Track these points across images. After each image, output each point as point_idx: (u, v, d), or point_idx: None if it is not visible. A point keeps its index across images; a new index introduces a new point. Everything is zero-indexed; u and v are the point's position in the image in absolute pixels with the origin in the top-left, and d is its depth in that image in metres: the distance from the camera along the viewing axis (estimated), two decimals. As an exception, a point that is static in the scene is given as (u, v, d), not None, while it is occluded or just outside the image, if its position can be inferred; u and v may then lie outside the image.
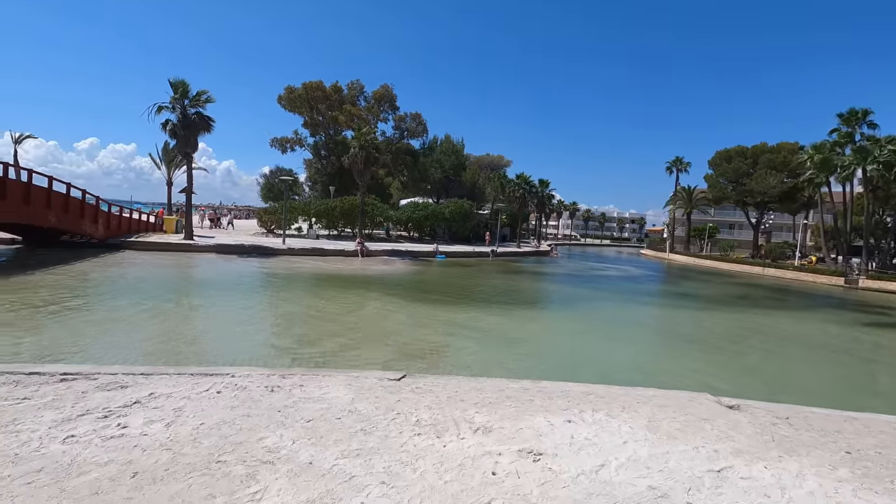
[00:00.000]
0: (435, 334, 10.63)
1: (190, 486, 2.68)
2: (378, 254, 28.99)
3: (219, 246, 25.25)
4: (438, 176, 47.99)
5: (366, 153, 31.69)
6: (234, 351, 8.42)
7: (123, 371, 4.73)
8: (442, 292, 17.55)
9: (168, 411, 3.76)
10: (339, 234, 37.98)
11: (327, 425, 3.62)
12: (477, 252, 35.38)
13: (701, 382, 7.93)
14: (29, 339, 8.30)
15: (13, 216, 17.85)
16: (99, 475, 2.77)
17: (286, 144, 48.36)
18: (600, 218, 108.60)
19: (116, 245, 23.03)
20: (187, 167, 27.68)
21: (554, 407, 4.34)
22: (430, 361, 8.47)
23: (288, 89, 45.01)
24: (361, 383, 4.73)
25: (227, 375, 4.76)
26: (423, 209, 41.01)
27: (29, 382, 4.26)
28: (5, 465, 2.84)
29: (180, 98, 24.80)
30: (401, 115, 48.75)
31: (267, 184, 55.08)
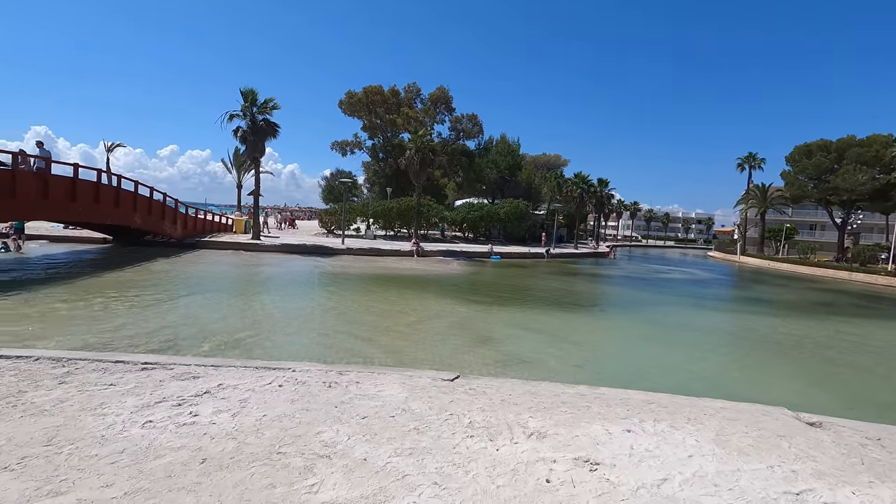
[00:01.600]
0: (488, 335, 10.55)
1: (252, 475, 2.81)
2: (433, 254, 29.27)
3: (283, 245, 26.49)
4: (494, 176, 47.77)
5: (422, 155, 32.11)
6: (294, 346, 8.77)
7: (196, 362, 5.05)
8: (496, 293, 17.42)
9: (234, 402, 3.97)
10: (395, 235, 38.73)
11: (381, 423, 3.67)
12: (532, 253, 34.86)
13: (776, 395, 7.35)
14: (118, 328, 9.07)
15: (105, 218, 19.65)
16: (172, 459, 2.96)
17: (346, 147, 49.99)
18: (663, 218, 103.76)
19: (192, 244, 24.75)
20: (255, 171, 29.26)
21: (612, 415, 4.17)
22: (484, 363, 8.42)
23: (349, 94, 46.48)
24: (415, 382, 4.78)
25: (289, 370, 4.96)
26: (477, 210, 40.97)
27: (115, 370, 4.65)
28: (94, 445, 3.10)
29: (249, 106, 26.25)
30: (457, 117, 49.01)
31: (328, 186, 57.28)
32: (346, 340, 9.46)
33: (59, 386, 4.15)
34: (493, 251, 31.73)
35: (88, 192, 18.21)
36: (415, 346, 9.30)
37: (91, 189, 18.34)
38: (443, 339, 9.96)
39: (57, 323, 9.18)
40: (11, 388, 4.06)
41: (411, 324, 11.31)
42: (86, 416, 3.56)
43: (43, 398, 3.87)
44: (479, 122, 50.35)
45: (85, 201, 18.03)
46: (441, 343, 9.60)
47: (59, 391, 4.03)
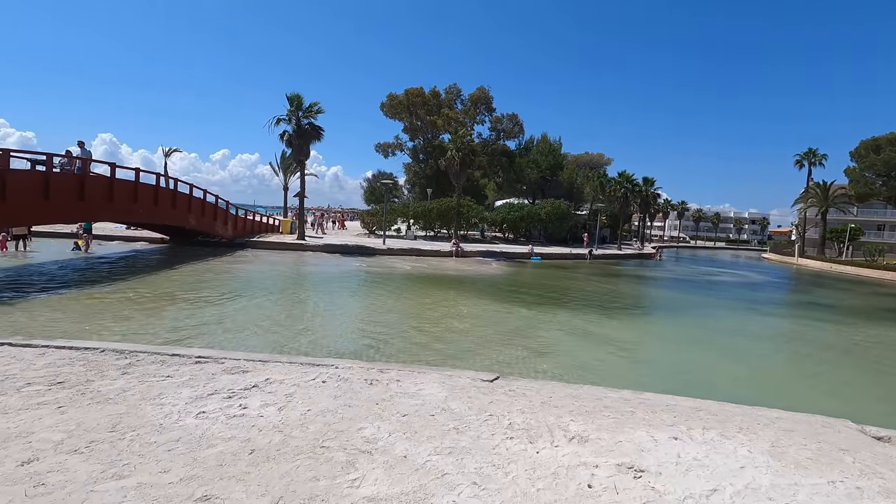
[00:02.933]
0: (528, 336, 10.45)
1: (297, 468, 2.90)
2: (472, 254, 29.25)
3: (326, 246, 27.20)
4: (534, 176, 47.23)
5: (462, 156, 32.15)
6: (337, 342, 8.99)
7: (245, 357, 5.27)
8: (536, 294, 17.22)
9: (280, 396, 4.12)
10: (435, 235, 38.97)
11: (421, 421, 3.71)
12: (574, 254, 34.22)
13: (837, 407, 6.89)
14: (175, 322, 9.59)
15: (163, 219, 20.82)
16: (223, 449, 3.10)
17: (388, 149, 50.75)
18: (713, 218, 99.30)
19: (241, 244, 25.82)
20: (300, 173, 30.19)
21: (658, 421, 4.03)
22: (523, 364, 8.34)
23: (390, 97, 47.18)
24: (455, 382, 4.79)
25: (332, 367, 5.09)
26: (518, 210, 40.62)
27: (171, 363, 4.92)
28: (152, 432, 3.29)
29: (295, 110, 27.12)
30: (497, 117, 48.79)
31: (369, 187, 58.33)
32: (385, 339, 9.60)
33: (122, 376, 4.43)
34: (534, 252, 31.37)
35: (148, 195, 19.34)
36: (452, 345, 9.33)
37: (151, 192, 19.47)
38: (480, 339, 9.94)
39: (119, 317, 9.79)
40: (80, 377, 4.37)
41: (448, 323, 11.35)
42: (145, 405, 3.78)
43: (108, 387, 4.14)
44: (520, 122, 49.94)
45: (145, 203, 19.16)
46: (479, 343, 9.58)
47: (121, 381, 4.30)
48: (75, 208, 16.02)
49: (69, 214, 16.42)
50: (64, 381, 4.25)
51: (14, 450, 2.97)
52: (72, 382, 4.21)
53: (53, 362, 4.77)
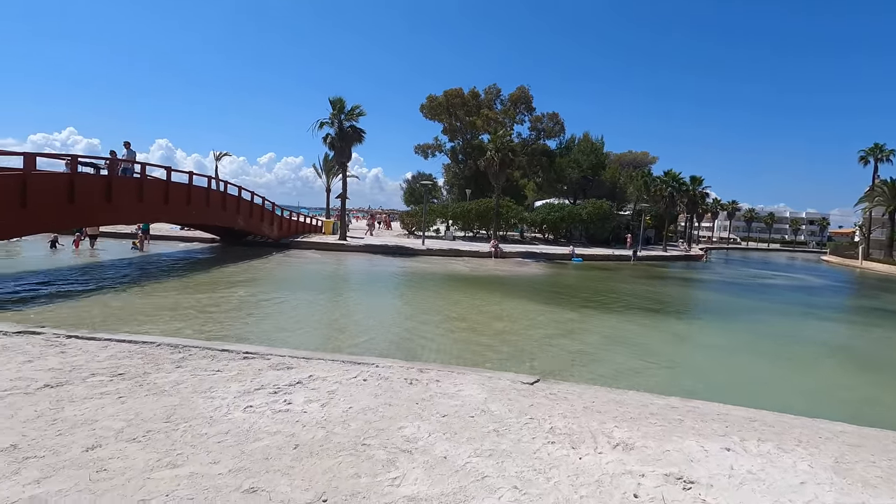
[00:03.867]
0: (569, 339, 10.24)
1: (340, 464, 2.95)
2: (512, 255, 29.01)
3: (367, 246, 27.67)
4: (575, 176, 46.35)
5: (501, 156, 31.96)
6: (375, 341, 9.10)
7: (290, 354, 5.42)
8: (577, 296, 16.87)
9: (323, 393, 4.20)
10: (474, 236, 38.92)
11: (461, 422, 3.70)
12: (616, 255, 33.33)
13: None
14: (225, 318, 10.00)
15: (214, 220, 21.77)
16: (269, 443, 3.20)
17: (427, 150, 51.11)
18: (767, 218, 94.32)
19: (286, 244, 26.64)
20: (342, 175, 30.88)
21: (708, 430, 3.85)
22: (563, 366, 8.18)
23: (429, 98, 47.51)
24: (494, 384, 4.75)
25: (372, 365, 5.16)
26: (558, 210, 39.98)
27: (221, 357, 5.12)
28: (204, 424, 3.44)
29: (337, 114, 27.75)
30: (537, 116, 48.25)
31: (409, 188, 58.94)
32: (423, 339, 9.65)
33: (176, 370, 4.65)
34: (575, 253, 30.77)
35: (200, 198, 20.27)
36: (490, 346, 9.26)
37: (202, 194, 20.40)
38: (520, 340, 9.83)
39: (172, 312, 10.30)
40: (138, 369, 4.61)
41: (487, 324, 11.29)
42: (197, 398, 3.95)
43: (163, 380, 4.35)
44: (561, 121, 49.17)
45: (198, 205, 20.09)
46: (518, 345, 9.47)
47: (175, 374, 4.52)
48: (135, 210, 17.00)
49: (129, 216, 17.45)
50: (124, 372, 4.51)
51: (80, 436, 3.16)
52: (131, 374, 4.46)
53: (115, 354, 5.07)
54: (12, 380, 4.17)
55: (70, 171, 14.15)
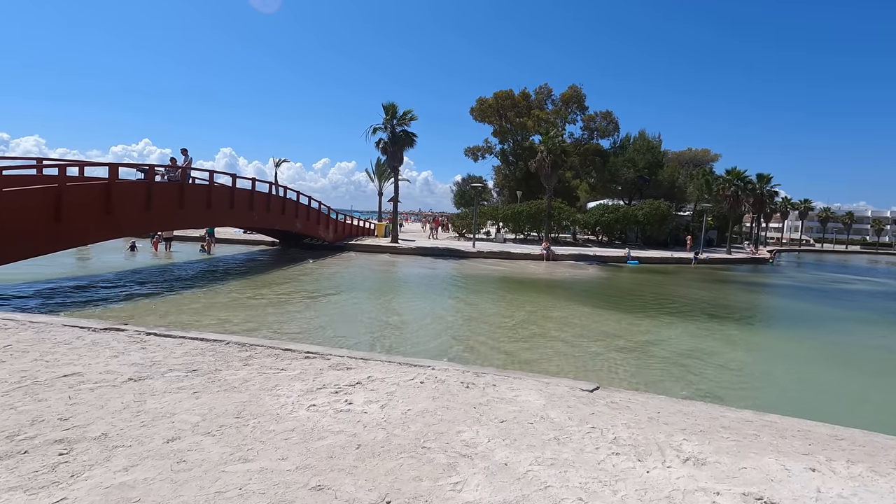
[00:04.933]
0: (626, 345, 9.88)
1: (401, 466, 2.98)
2: (564, 258, 28.42)
3: (418, 248, 28.01)
4: (631, 176, 44.78)
5: (553, 157, 31.39)
6: (429, 343, 9.17)
7: (348, 355, 5.56)
8: (633, 300, 16.26)
9: (382, 394, 4.27)
10: (525, 238, 38.46)
11: (520, 428, 3.64)
12: (676, 258, 31.86)
13: None
14: (288, 317, 10.42)
15: (274, 224, 22.79)
16: (332, 442, 3.28)
17: (477, 153, 51.11)
18: (845, 218, 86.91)
19: (341, 247, 27.45)
20: (394, 179, 31.44)
21: (788, 448, 3.58)
22: (622, 374, 7.89)
23: (479, 101, 47.49)
24: (552, 390, 4.65)
25: (429, 368, 5.19)
26: (612, 212, 38.76)
27: (285, 356, 5.32)
28: (271, 421, 3.58)
29: (390, 119, 28.32)
30: (590, 115, 47.09)
31: (459, 191, 59.21)
32: (476, 341, 9.62)
33: (244, 367, 4.88)
34: (631, 256, 29.71)
35: (262, 203, 21.28)
36: (544, 351, 9.09)
37: (264, 199, 21.40)
38: (575, 346, 9.59)
39: (237, 311, 10.85)
40: (210, 366, 4.88)
41: (541, 328, 11.10)
42: (264, 395, 4.12)
43: (232, 377, 4.58)
44: (615, 120, 47.74)
45: (260, 210, 21.11)
46: (573, 350, 9.24)
47: (243, 372, 4.74)
48: (204, 215, 18.09)
49: (199, 221, 18.61)
50: (197, 368, 4.78)
51: (161, 428, 3.38)
52: (204, 370, 4.72)
53: (189, 351, 5.39)
54: (101, 373, 4.52)
55: (147, 179, 15.27)
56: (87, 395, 3.94)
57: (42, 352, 5.15)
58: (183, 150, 18.09)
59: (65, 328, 6.30)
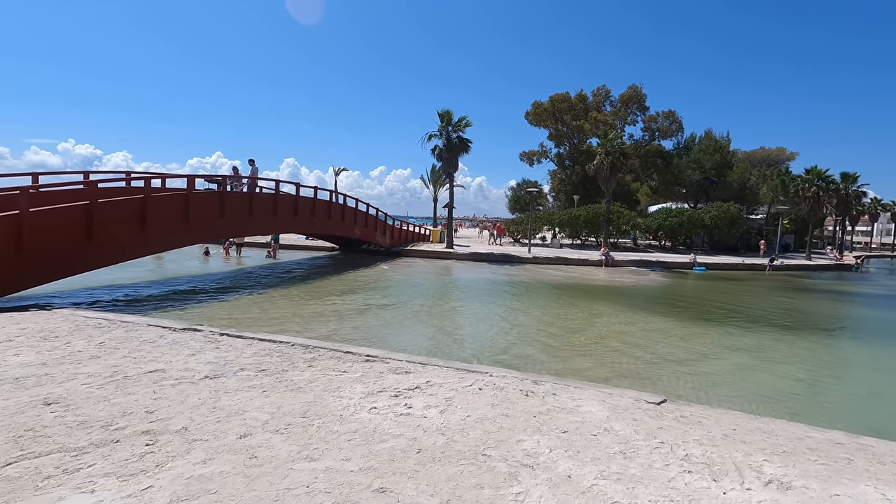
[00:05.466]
0: (693, 356, 9.34)
1: (461, 473, 2.96)
2: (624, 264, 27.41)
3: (473, 254, 28.02)
4: (696, 178, 42.51)
5: (611, 159, 30.47)
6: (485, 349, 9.10)
7: (407, 359, 5.63)
8: (700, 309, 15.38)
9: (441, 399, 4.28)
10: (582, 244, 37.50)
11: (583, 440, 3.52)
12: (747, 264, 29.86)
13: None
14: (350, 320, 10.75)
15: (334, 230, 23.64)
16: (393, 445, 3.32)
17: (532, 157, 50.55)
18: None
19: (397, 252, 27.99)
20: (449, 185, 31.69)
21: (888, 475, 3.23)
22: (689, 386, 7.46)
23: (534, 104, 46.99)
24: (616, 401, 4.47)
25: (487, 374, 5.15)
26: (676, 215, 36.96)
27: (346, 359, 5.48)
28: (335, 422, 3.68)
29: (445, 125, 28.63)
30: (651, 115, 45.32)
31: (514, 196, 58.74)
32: (531, 349, 9.45)
33: (309, 368, 5.07)
34: (697, 262, 28.16)
35: (323, 210, 22.14)
36: (604, 360, 8.77)
37: (325, 207, 22.26)
38: (636, 355, 9.18)
39: (302, 313, 11.30)
40: (278, 366, 5.11)
41: (599, 336, 10.73)
42: (328, 396, 4.25)
43: (298, 377, 4.76)
44: (678, 119, 45.66)
45: (321, 217, 21.97)
46: (635, 360, 8.85)
47: (308, 373, 4.92)
48: (270, 223, 19.08)
49: (266, 228, 19.67)
50: (266, 368, 5.02)
51: (234, 424, 3.57)
52: (272, 370, 4.95)
53: (258, 352, 5.67)
54: (181, 370, 4.85)
55: (220, 189, 16.32)
56: (169, 391, 4.23)
57: (130, 349, 5.60)
58: (250, 160, 19.12)
59: (149, 327, 6.83)
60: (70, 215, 10.60)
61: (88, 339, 6.04)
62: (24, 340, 5.84)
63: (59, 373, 4.63)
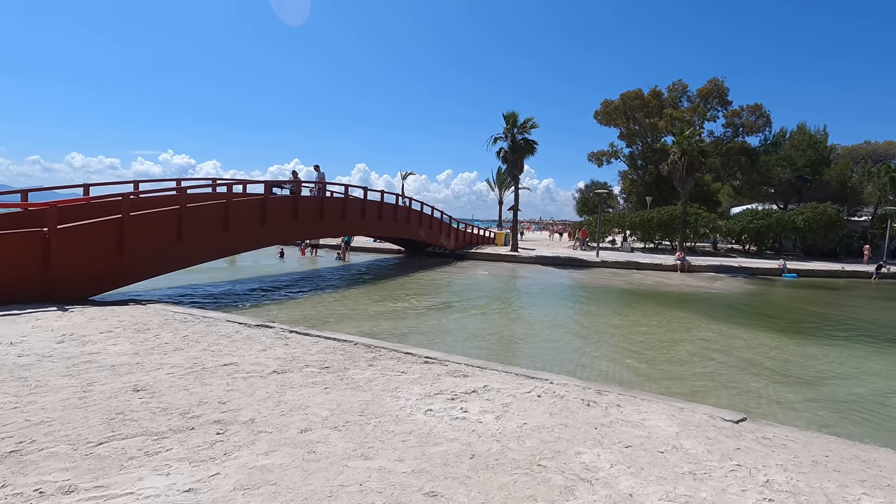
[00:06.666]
0: (779, 371, 8.51)
1: (515, 482, 2.87)
2: (702, 269, 25.67)
3: (538, 257, 27.49)
4: (787, 176, 38.90)
5: (689, 158, 28.66)
6: (546, 355, 8.86)
7: (465, 362, 5.60)
8: (790, 319, 14.03)
9: (497, 405, 4.20)
10: (655, 247, 35.60)
11: (648, 457, 3.30)
12: (848, 271, 26.86)
13: None
14: (410, 320, 10.93)
15: (401, 233, 24.18)
16: (447, 449, 3.29)
17: (602, 158, 48.76)
18: None
19: (461, 255, 28.09)
20: (514, 187, 31.39)
21: None
22: (773, 405, 6.80)
23: (604, 103, 45.33)
24: (687, 417, 4.16)
25: (546, 381, 5.00)
26: (763, 217, 34.01)
27: (406, 360, 5.54)
28: (391, 422, 3.72)
29: (511, 127, 28.36)
30: (734, 110, 42.10)
31: (582, 198, 57.03)
32: (596, 356, 9.07)
33: (369, 368, 5.18)
34: (787, 268, 25.76)
35: (389, 213, 22.71)
36: (676, 371, 8.22)
37: (391, 210, 22.83)
38: (712, 368, 8.52)
39: (367, 313, 11.63)
40: (340, 364, 5.27)
41: (672, 345, 10.08)
42: (386, 396, 4.32)
43: (358, 376, 4.88)
44: (766, 113, 41.97)
45: (388, 220, 22.56)
46: (710, 373, 8.22)
47: (368, 372, 5.03)
48: (340, 225, 19.88)
49: (336, 230, 20.54)
50: (329, 366, 5.19)
51: (296, 418, 3.71)
52: (334, 368, 5.11)
53: (322, 349, 5.89)
54: (252, 364, 5.14)
55: (295, 194, 17.26)
56: (240, 383, 4.49)
57: (209, 342, 6.03)
58: (315, 166, 20.10)
59: (227, 323, 7.32)
60: (164, 219, 11.65)
61: (175, 332, 6.57)
62: (122, 332, 6.46)
63: (148, 362, 5.07)
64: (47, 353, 5.29)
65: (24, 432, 3.27)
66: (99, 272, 9.96)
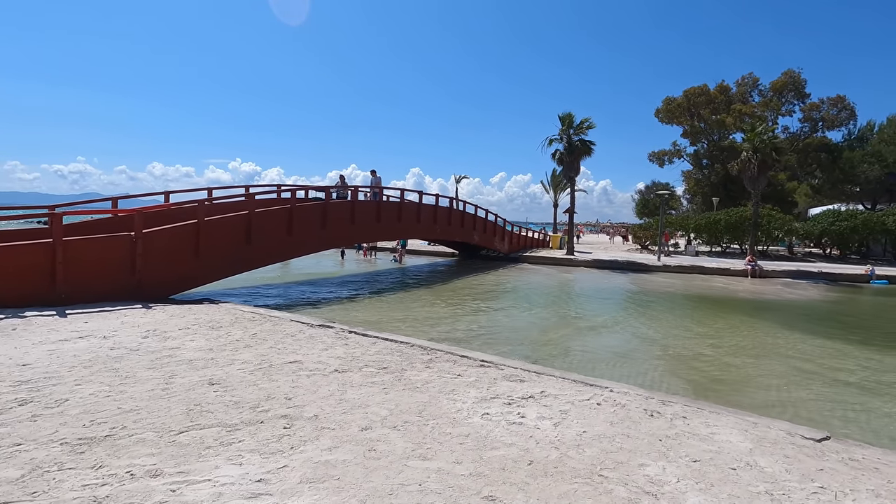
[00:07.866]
0: (866, 387, 7.77)
1: (575, 491, 2.82)
2: (776, 274, 23.93)
3: (595, 261, 26.73)
4: (875, 174, 35.56)
5: (761, 156, 26.83)
6: (602, 362, 8.58)
7: (521, 367, 5.55)
8: (879, 330, 12.76)
9: (555, 411, 4.14)
10: (722, 251, 33.58)
11: (718, 473, 3.13)
12: (951, 279, 24.07)
13: None
14: (465, 323, 10.96)
15: (455, 236, 24.33)
16: (504, 454, 3.28)
17: (663, 157, 46.79)
18: None
19: (515, 258, 27.82)
20: (570, 189, 30.69)
21: None
22: (861, 424, 6.22)
23: (666, 101, 43.47)
24: (762, 433, 3.90)
25: (606, 389, 4.86)
26: (847, 219, 31.20)
27: (462, 363, 5.57)
28: (448, 424, 3.76)
29: (566, 129, 27.82)
30: (813, 103, 39.04)
31: (641, 199, 54.93)
32: (654, 364, 8.68)
33: (426, 369, 5.26)
34: (875, 274, 23.49)
35: (444, 216, 22.91)
36: (746, 383, 7.71)
37: (445, 213, 23.02)
38: (788, 381, 7.91)
39: (425, 316, 11.78)
40: (398, 365, 5.38)
41: (741, 355, 9.46)
42: (442, 398, 4.36)
43: (415, 377, 4.96)
44: (850, 106, 38.57)
45: (442, 223, 22.76)
46: (785, 387, 7.63)
47: (425, 374, 5.10)
48: (395, 228, 20.30)
49: (392, 233, 20.98)
50: (387, 366, 5.31)
51: (357, 416, 3.83)
52: (392, 369, 5.23)
53: (381, 350, 6.04)
54: (315, 362, 5.36)
55: (351, 199, 17.83)
56: (304, 381, 4.70)
57: (276, 341, 6.34)
58: (372, 171, 20.87)
59: (292, 322, 7.67)
60: (235, 223, 12.40)
61: (244, 330, 6.97)
62: (198, 329, 6.94)
63: (221, 358, 5.41)
64: (134, 346, 5.77)
65: (116, 419, 3.59)
66: (178, 273, 10.75)
